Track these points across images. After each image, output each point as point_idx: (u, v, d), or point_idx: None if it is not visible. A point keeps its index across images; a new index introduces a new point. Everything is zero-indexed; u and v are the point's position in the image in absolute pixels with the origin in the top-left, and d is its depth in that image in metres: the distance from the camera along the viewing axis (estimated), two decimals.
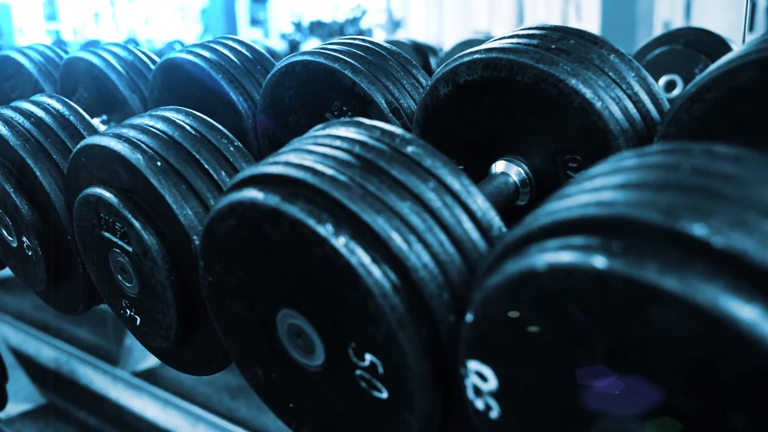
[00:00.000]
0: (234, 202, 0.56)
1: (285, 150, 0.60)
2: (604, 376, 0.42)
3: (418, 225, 0.52)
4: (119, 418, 2.52)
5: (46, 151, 0.85)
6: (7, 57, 1.39)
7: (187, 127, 0.74)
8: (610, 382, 0.42)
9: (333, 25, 8.10)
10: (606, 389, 0.43)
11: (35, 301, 3.70)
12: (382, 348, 0.51)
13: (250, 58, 1.07)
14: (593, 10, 8.08)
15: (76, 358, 2.88)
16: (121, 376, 2.72)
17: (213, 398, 2.66)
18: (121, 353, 2.89)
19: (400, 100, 0.86)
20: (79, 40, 2.71)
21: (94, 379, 2.75)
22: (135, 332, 0.80)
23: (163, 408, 2.48)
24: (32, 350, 3.00)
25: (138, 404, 2.55)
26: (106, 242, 0.76)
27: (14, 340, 3.10)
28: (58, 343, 3.05)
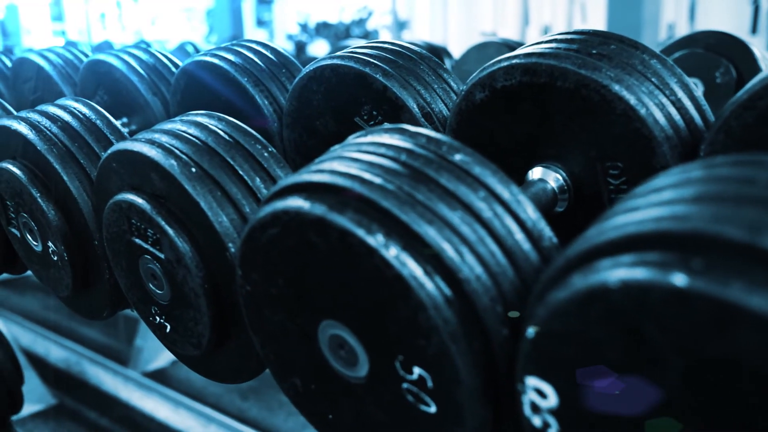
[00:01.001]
0: (277, 211, 0.55)
1: (327, 157, 0.59)
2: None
3: (469, 236, 0.51)
4: (130, 419, 2.51)
5: (73, 156, 0.84)
6: (26, 59, 1.38)
7: (220, 132, 0.73)
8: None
9: (339, 27, 8.09)
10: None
11: (44, 301, 3.70)
12: (433, 361, 0.50)
13: (275, 62, 1.06)
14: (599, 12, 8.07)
15: (86, 358, 2.88)
16: (131, 376, 2.72)
17: (224, 399, 2.65)
18: (131, 353, 2.88)
19: (432, 105, 0.85)
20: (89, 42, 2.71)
21: (104, 380, 2.75)
22: (164, 339, 0.79)
23: (174, 409, 2.47)
24: (42, 350, 3.00)
25: (149, 405, 2.55)
26: (136, 249, 0.75)
27: (24, 340, 3.09)
28: (68, 343, 3.05)
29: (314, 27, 8.24)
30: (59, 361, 2.92)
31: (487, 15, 10.08)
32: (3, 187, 0.91)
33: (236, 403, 2.60)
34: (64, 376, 2.82)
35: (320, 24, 8.22)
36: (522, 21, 9.19)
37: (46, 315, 3.51)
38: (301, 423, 2.48)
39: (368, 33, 8.19)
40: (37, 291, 3.79)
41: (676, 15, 8.17)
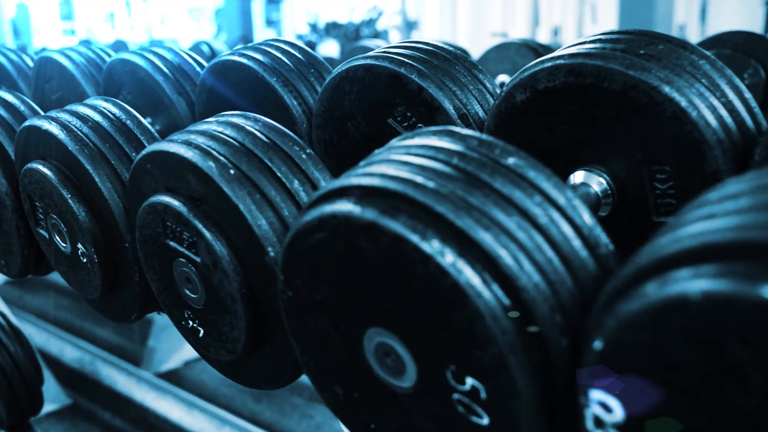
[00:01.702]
0: (325, 215, 0.53)
1: (374, 160, 0.57)
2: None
3: (526, 242, 0.49)
4: (144, 420, 2.51)
5: (104, 156, 0.83)
6: (48, 58, 1.38)
7: (257, 133, 0.71)
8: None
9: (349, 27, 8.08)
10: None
11: (57, 300, 3.70)
12: (488, 373, 0.49)
13: (303, 61, 1.04)
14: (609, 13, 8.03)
15: (99, 358, 2.88)
16: (144, 377, 2.71)
17: (236, 400, 2.64)
18: (144, 354, 2.88)
19: (468, 106, 0.84)
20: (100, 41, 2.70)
21: (118, 380, 2.74)
22: (196, 344, 0.78)
23: (188, 410, 2.46)
24: (56, 350, 3.00)
25: (163, 406, 2.54)
26: (171, 252, 0.73)
27: (38, 339, 3.09)
28: (82, 342, 3.04)
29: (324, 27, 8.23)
30: (73, 361, 2.92)
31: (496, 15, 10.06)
32: (32, 188, 0.90)
33: (249, 406, 2.59)
34: (77, 376, 2.82)
35: (330, 24, 8.21)
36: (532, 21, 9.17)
37: (59, 314, 3.51)
38: (314, 425, 2.47)
39: (378, 33, 8.18)
40: (50, 290, 3.79)
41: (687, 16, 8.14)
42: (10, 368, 1.50)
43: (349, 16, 8.46)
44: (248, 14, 9.55)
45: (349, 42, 7.84)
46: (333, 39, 7.80)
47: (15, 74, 1.49)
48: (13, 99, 1.04)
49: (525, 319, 0.48)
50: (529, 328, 0.49)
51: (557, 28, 8.91)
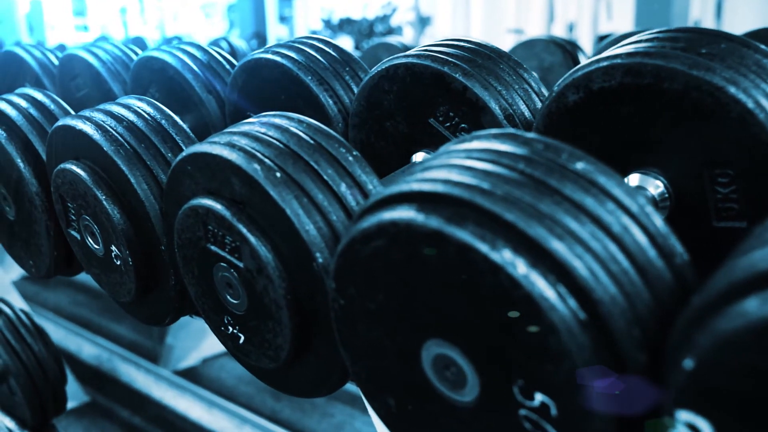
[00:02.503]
0: (385, 222, 0.51)
1: (433, 165, 0.55)
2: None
3: (601, 252, 0.47)
4: (163, 418, 2.50)
5: (140, 157, 0.81)
6: (73, 55, 1.36)
7: (302, 134, 0.69)
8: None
9: (363, 22, 8.05)
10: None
11: (74, 296, 3.71)
12: (561, 389, 0.46)
13: (338, 59, 1.02)
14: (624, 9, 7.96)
15: (117, 355, 2.87)
16: (163, 375, 2.70)
17: (256, 399, 2.63)
18: (162, 351, 2.87)
19: (513, 106, 0.81)
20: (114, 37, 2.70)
21: (136, 378, 2.73)
22: (235, 351, 0.76)
23: (208, 409, 2.45)
24: (74, 347, 3.00)
25: (182, 404, 2.53)
26: (212, 256, 0.71)
27: (55, 336, 3.09)
28: (99, 339, 3.04)
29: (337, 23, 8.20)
30: (91, 358, 2.92)
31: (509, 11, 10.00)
32: (65, 189, 0.88)
33: (269, 404, 2.57)
34: (96, 373, 2.81)
35: (344, 20, 8.18)
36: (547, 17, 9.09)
37: (76, 311, 3.52)
38: (335, 425, 2.45)
39: (392, 29, 8.14)
40: (66, 287, 3.79)
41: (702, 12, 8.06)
42: (34, 368, 1.49)
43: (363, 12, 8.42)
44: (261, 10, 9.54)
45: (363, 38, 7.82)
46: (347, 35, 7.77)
47: (39, 71, 1.48)
48: (43, 97, 1.02)
49: (601, 334, 0.45)
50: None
51: (572, 24, 8.84)
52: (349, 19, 8.15)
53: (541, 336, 0.45)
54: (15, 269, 3.83)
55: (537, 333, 0.45)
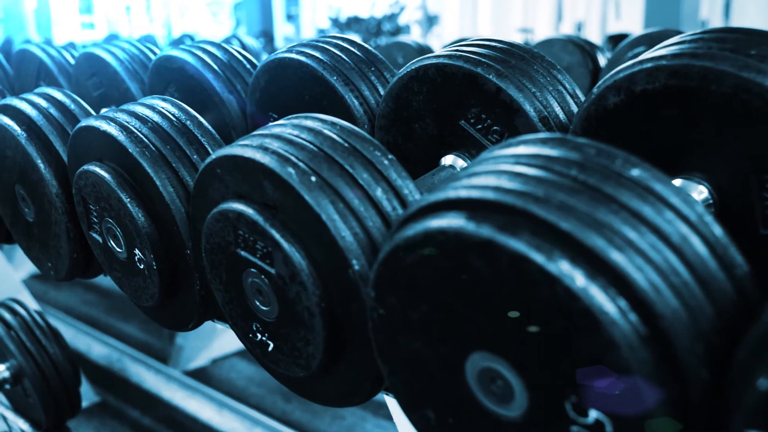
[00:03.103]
0: (432, 230, 0.49)
1: (480, 171, 0.53)
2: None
3: (661, 264, 0.45)
4: (173, 419, 2.48)
5: (165, 159, 0.79)
6: (91, 54, 1.34)
7: (335, 137, 0.67)
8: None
9: (371, 21, 8.02)
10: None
11: (82, 296, 3.70)
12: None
13: (363, 59, 1.00)
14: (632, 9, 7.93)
15: (127, 355, 2.86)
16: (173, 375, 2.69)
17: (266, 400, 2.61)
18: (172, 352, 2.86)
19: (548, 108, 0.79)
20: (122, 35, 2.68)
21: (146, 378, 2.72)
22: (264, 358, 0.74)
23: (218, 410, 2.43)
24: (83, 347, 2.99)
25: (192, 405, 2.52)
26: (241, 262, 0.69)
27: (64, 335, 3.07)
28: (109, 339, 3.03)
29: (345, 21, 8.17)
30: (100, 358, 2.90)
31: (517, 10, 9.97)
32: (87, 191, 0.86)
33: (279, 405, 2.56)
34: (105, 373, 2.80)
35: (351, 18, 8.15)
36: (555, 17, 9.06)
37: (86, 310, 3.51)
38: (345, 427, 2.44)
39: (400, 28, 8.11)
40: (75, 285, 3.79)
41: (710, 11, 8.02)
42: (49, 370, 1.48)
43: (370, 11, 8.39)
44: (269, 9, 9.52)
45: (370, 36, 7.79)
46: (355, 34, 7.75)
47: (55, 70, 1.46)
48: (63, 97, 1.00)
49: (663, 349, 0.43)
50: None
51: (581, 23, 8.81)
52: (356, 18, 8.12)
53: (599, 351, 0.43)
54: (24, 267, 3.83)
55: (594, 348, 0.43)
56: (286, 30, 10.19)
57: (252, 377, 2.78)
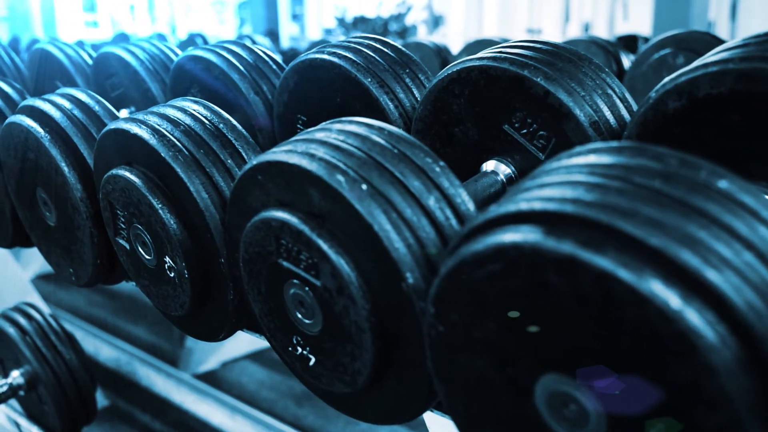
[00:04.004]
0: (505, 245, 0.46)
1: (552, 182, 0.50)
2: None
3: (760, 285, 0.41)
4: (184, 423, 2.45)
5: (199, 164, 0.76)
6: (109, 54, 1.31)
7: (384, 143, 0.64)
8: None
9: (377, 21, 7.98)
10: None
11: (89, 296, 3.67)
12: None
13: (397, 60, 0.97)
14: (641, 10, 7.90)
15: (136, 358, 2.83)
16: (183, 378, 2.66)
17: (278, 404, 2.58)
18: (181, 355, 2.83)
19: (599, 113, 0.76)
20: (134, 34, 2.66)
21: (156, 382, 2.69)
22: (303, 372, 0.71)
23: (231, 415, 2.40)
24: (91, 349, 2.95)
25: (203, 409, 2.48)
26: (283, 272, 0.66)
27: None
28: (117, 341, 3.00)
29: (351, 21, 8.14)
30: (109, 361, 2.87)
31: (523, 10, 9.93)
32: (115, 196, 0.83)
33: (292, 410, 2.53)
34: (114, 376, 2.77)
35: (358, 18, 8.11)
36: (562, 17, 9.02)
37: (93, 311, 3.48)
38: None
39: (407, 28, 8.08)
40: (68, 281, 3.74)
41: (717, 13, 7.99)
42: (65, 376, 1.45)
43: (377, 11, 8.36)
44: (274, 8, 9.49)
45: None
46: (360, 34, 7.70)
47: (72, 70, 1.43)
48: (87, 98, 0.97)
49: (764, 377, 0.40)
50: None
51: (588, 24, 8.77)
52: (363, 18, 8.08)
53: (695, 378, 0.40)
54: (30, 268, 3.80)
55: (688, 373, 0.40)
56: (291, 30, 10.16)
57: (263, 381, 2.75)
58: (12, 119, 0.97)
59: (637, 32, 4.76)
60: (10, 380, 1.49)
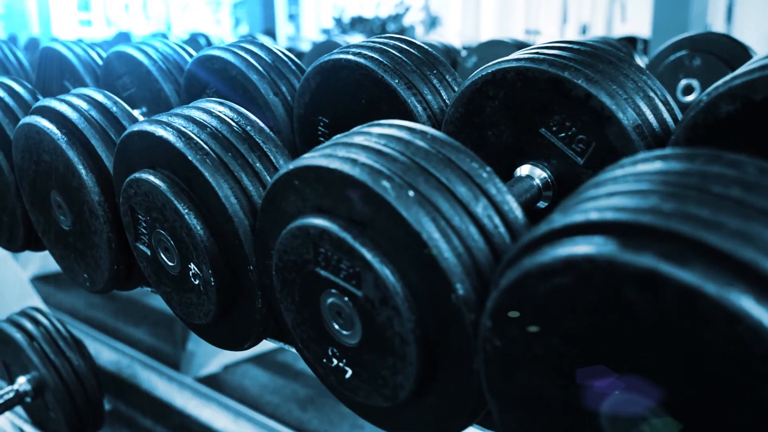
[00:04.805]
0: (577, 257, 0.43)
1: (617, 190, 0.47)
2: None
3: None
4: (187, 428, 2.42)
5: (227, 168, 0.74)
6: (120, 53, 1.28)
7: (427, 146, 0.61)
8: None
9: (375, 21, 7.96)
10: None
11: (88, 298, 3.63)
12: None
13: (424, 61, 0.94)
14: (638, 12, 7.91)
15: (137, 361, 2.79)
16: (185, 382, 2.62)
17: (281, 409, 2.55)
18: (183, 358, 2.79)
19: (641, 117, 0.73)
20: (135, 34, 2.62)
21: (157, 385, 2.65)
22: (339, 385, 0.68)
23: (234, 419, 2.37)
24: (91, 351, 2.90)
25: (206, 413, 2.45)
26: (321, 281, 0.64)
27: None
28: (117, 344, 2.96)
29: (349, 21, 8.11)
30: (110, 364, 2.84)
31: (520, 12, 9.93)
32: (138, 200, 0.80)
33: (295, 414, 2.50)
34: (115, 379, 2.73)
35: (355, 18, 8.08)
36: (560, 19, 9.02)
37: (92, 313, 3.44)
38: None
39: (404, 29, 8.05)
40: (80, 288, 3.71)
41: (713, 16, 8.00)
42: (73, 383, 1.42)
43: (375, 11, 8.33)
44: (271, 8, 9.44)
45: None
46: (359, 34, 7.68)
47: (81, 69, 1.40)
48: (105, 99, 0.94)
49: None
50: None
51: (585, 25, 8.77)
52: (361, 18, 8.05)
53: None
54: (27, 269, 3.75)
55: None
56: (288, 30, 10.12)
57: (266, 384, 2.72)
58: (27, 120, 0.94)
59: (635, 34, 4.75)
60: (16, 386, 1.46)
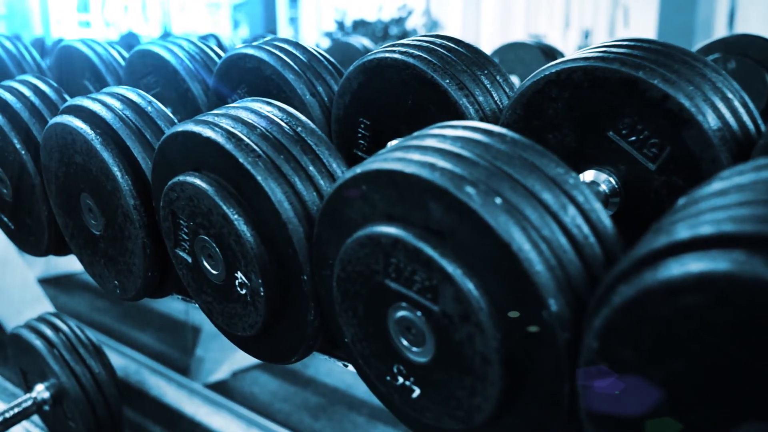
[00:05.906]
0: (716, 275, 0.39)
1: (744, 200, 0.43)
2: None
3: None
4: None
5: (280, 171, 0.69)
6: (146, 51, 1.24)
7: (508, 150, 0.57)
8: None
9: (377, 25, 7.92)
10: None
11: (93, 302, 3.57)
12: None
13: (474, 61, 0.90)
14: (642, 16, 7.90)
15: (145, 366, 2.74)
16: (195, 388, 2.57)
17: (293, 417, 2.50)
18: (192, 364, 2.74)
19: (722, 119, 0.69)
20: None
21: (166, 391, 2.60)
22: (402, 404, 0.64)
23: (246, 427, 2.32)
24: None
25: (217, 421, 2.40)
26: (390, 294, 0.59)
27: None
28: (124, 349, 2.91)
29: (351, 24, 8.07)
30: (117, 369, 2.76)
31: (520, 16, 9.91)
32: (180, 204, 0.76)
33: (307, 422, 2.45)
34: (123, 385, 2.68)
35: (357, 21, 8.04)
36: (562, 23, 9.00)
37: (97, 317, 3.39)
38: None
39: (407, 32, 8.02)
40: (85, 291, 3.66)
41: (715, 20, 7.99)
42: (93, 391, 1.37)
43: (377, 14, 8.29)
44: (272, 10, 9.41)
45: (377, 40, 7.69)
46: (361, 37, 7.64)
47: (103, 69, 1.35)
48: (139, 98, 0.90)
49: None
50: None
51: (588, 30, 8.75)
52: (363, 21, 8.01)
53: None
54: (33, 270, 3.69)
55: None
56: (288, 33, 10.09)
57: (276, 392, 2.67)
58: (58, 120, 0.89)
59: None
60: (34, 394, 1.41)
